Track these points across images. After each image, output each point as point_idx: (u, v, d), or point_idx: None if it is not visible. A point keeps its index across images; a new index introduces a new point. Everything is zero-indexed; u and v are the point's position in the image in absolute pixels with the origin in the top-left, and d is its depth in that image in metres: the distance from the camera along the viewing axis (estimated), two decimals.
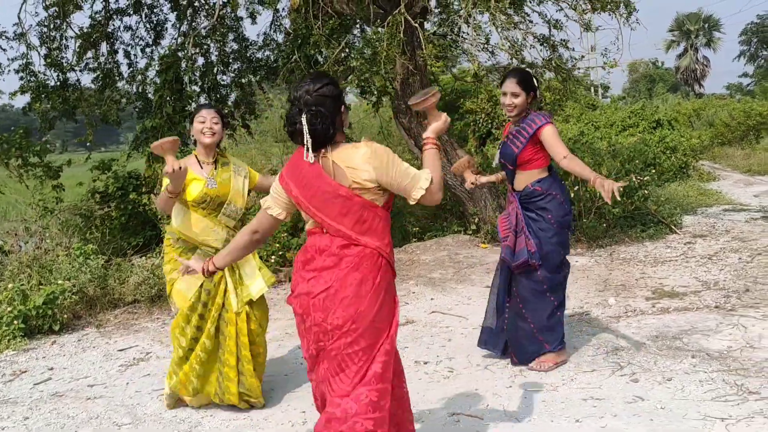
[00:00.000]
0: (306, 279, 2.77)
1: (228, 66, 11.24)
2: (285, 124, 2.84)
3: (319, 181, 2.71)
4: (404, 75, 8.43)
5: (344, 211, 2.72)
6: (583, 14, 7.30)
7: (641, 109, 18.16)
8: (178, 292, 4.11)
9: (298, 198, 2.76)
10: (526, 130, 4.35)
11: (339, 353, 2.73)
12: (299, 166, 2.77)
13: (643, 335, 4.98)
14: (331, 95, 2.74)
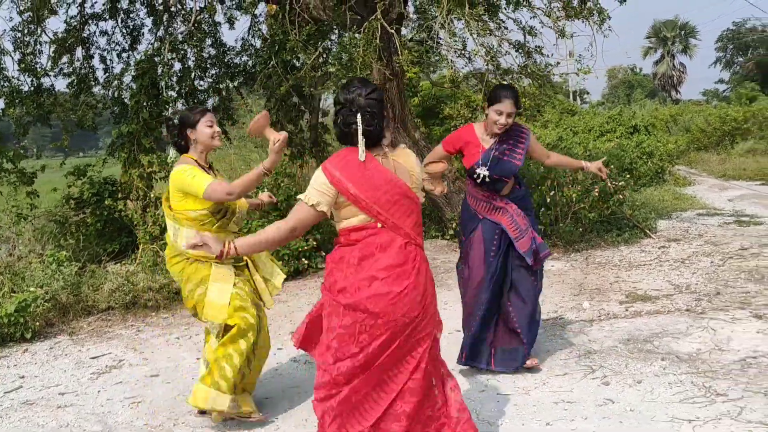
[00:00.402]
0: (379, 278, 2.79)
1: (206, 71, 11.21)
2: (337, 125, 2.90)
3: (390, 182, 2.83)
4: (381, 81, 8.44)
5: (408, 211, 2.88)
6: (557, 21, 7.36)
7: (619, 114, 18.37)
8: (212, 304, 3.87)
9: (356, 196, 2.80)
10: (520, 142, 4.45)
11: (407, 345, 2.84)
12: (357, 166, 2.81)
13: (615, 338, 5.02)
14: (379, 99, 2.88)
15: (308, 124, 10.30)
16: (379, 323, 2.78)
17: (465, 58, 9.23)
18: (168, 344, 5.78)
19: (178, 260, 3.97)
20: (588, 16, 7.39)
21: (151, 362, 5.32)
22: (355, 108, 2.82)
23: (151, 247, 8.12)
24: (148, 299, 6.89)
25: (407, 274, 2.81)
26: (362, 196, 2.80)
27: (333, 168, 2.84)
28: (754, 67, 49.65)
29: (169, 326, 6.34)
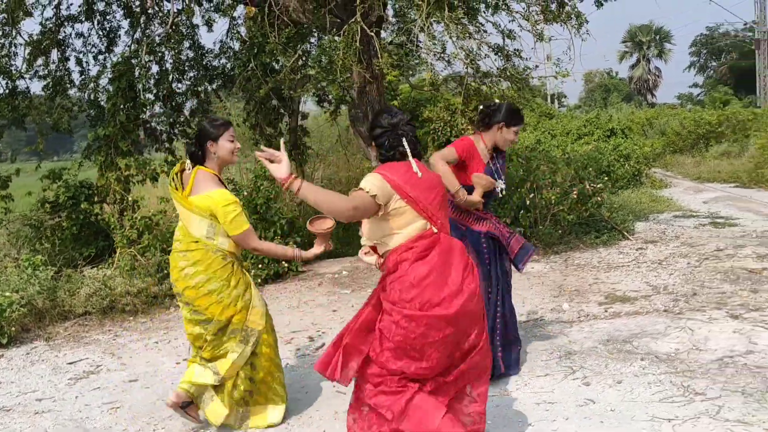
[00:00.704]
0: (460, 280, 2.94)
1: (183, 74, 11.14)
2: (384, 147, 3.10)
3: (439, 188, 3.12)
4: (361, 83, 8.45)
5: (447, 214, 3.20)
6: (536, 25, 7.41)
7: (596, 117, 18.52)
8: (256, 310, 3.88)
9: (416, 198, 2.98)
10: (502, 157, 4.63)
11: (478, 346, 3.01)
12: (410, 172, 3.02)
13: (595, 339, 5.06)
14: (413, 123, 3.19)
15: (288, 127, 10.27)
16: (460, 327, 2.93)
17: (444, 61, 9.26)
18: (146, 349, 5.72)
19: (224, 262, 3.80)
20: (566, 20, 7.45)
21: (129, 367, 5.26)
22: (400, 132, 3.09)
23: (129, 251, 8.04)
24: (125, 304, 6.83)
25: (473, 275, 3.01)
26: (421, 199, 2.99)
27: (387, 172, 3.00)
28: (727, 72, 50.38)
29: (147, 331, 6.28)
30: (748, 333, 4.89)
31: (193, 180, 3.81)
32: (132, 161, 8.74)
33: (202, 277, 3.75)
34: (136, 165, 8.81)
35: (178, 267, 3.81)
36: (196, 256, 3.77)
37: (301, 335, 5.83)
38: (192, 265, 3.76)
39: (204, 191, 3.77)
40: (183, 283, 3.79)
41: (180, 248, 3.83)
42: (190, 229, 3.79)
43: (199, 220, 3.76)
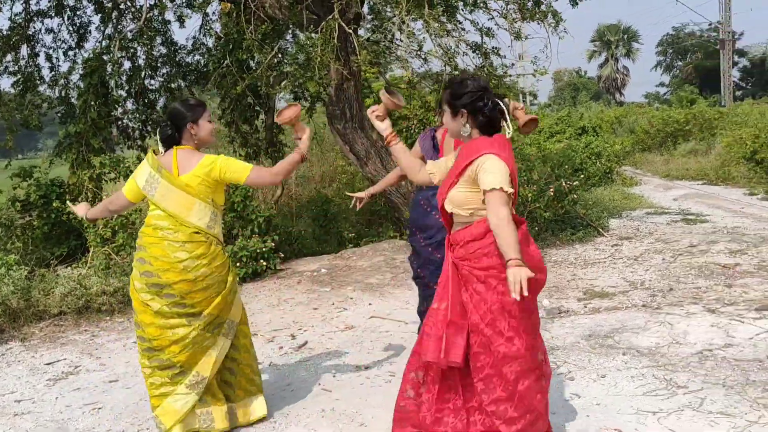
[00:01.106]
0: (538, 251, 3.11)
1: (156, 70, 11.01)
2: (483, 111, 3.06)
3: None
4: (338, 81, 8.42)
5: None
6: (513, 23, 7.46)
7: (567, 116, 18.70)
8: (236, 301, 3.87)
9: (515, 181, 3.01)
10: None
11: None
12: (511, 154, 3.06)
13: (577, 335, 5.11)
14: None
15: (264, 125, 10.20)
16: (539, 292, 3.12)
17: (421, 59, 9.28)
18: (125, 349, 5.64)
19: (224, 257, 3.72)
20: (543, 18, 7.51)
21: (109, 367, 5.19)
22: (491, 94, 3.10)
23: (103, 250, 7.93)
24: (101, 303, 6.72)
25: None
26: (515, 179, 3.04)
27: (503, 155, 2.97)
28: (692, 71, 51.32)
29: (125, 330, 6.19)
30: (725, 327, 4.98)
31: (176, 160, 3.62)
32: (106, 159, 8.59)
33: (204, 270, 3.58)
34: (111, 163, 8.67)
35: (174, 257, 3.54)
36: (199, 249, 3.58)
37: (283, 333, 5.79)
38: (195, 258, 3.56)
39: (192, 167, 3.60)
40: (176, 276, 3.55)
41: (178, 238, 3.56)
42: (188, 218, 3.57)
43: (202, 206, 3.59)
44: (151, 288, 3.59)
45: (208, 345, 3.69)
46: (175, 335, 3.60)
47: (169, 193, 3.57)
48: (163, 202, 3.59)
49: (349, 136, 8.74)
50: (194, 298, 3.60)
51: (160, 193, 3.60)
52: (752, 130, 16.51)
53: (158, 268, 3.56)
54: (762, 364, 4.26)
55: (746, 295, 5.81)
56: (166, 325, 3.62)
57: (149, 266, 3.59)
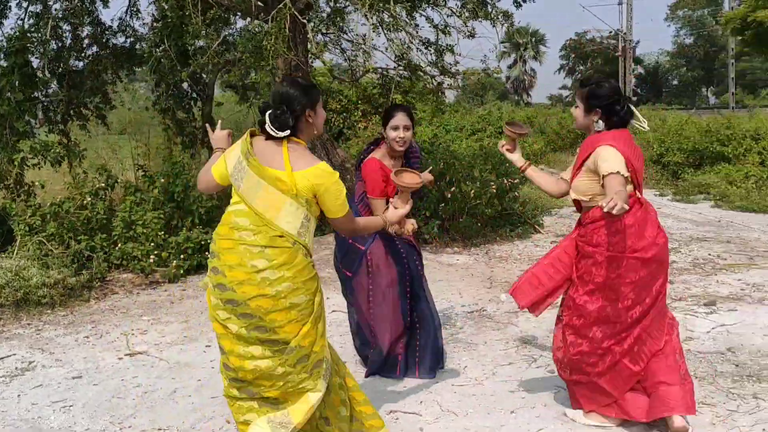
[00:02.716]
0: (657, 232, 3.43)
1: (82, 51, 10.48)
2: (622, 114, 3.48)
3: (641, 155, 3.49)
4: (286, 71, 8.30)
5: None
6: (467, 21, 7.58)
7: (488, 114, 19.14)
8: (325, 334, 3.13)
9: (636, 170, 3.37)
10: (414, 158, 4.45)
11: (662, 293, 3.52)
12: (635, 147, 3.44)
13: (545, 329, 5.26)
14: None
15: (201, 113, 9.90)
16: (663, 268, 3.44)
17: (366, 54, 9.28)
18: (78, 344, 5.36)
19: (313, 271, 2.99)
20: (495, 19, 7.66)
21: (66, 363, 4.91)
22: (625, 97, 3.52)
23: (33, 240, 7.49)
24: (42, 296, 6.35)
25: (662, 232, 3.47)
26: (638, 169, 3.39)
27: (620, 146, 3.34)
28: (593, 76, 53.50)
29: (72, 324, 5.88)
30: (682, 321, 5.23)
31: (287, 154, 2.92)
32: (36, 144, 8.12)
33: (287, 285, 2.85)
34: (40, 147, 8.20)
35: (251, 266, 2.84)
36: (281, 256, 2.86)
37: None
38: (277, 267, 2.85)
39: (304, 167, 2.91)
40: (255, 289, 2.83)
41: (257, 241, 2.86)
42: (276, 220, 2.87)
43: (296, 208, 2.89)
44: (226, 305, 2.89)
45: (305, 387, 2.95)
46: (257, 369, 2.90)
47: (257, 188, 2.89)
48: (249, 196, 2.91)
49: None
50: (275, 321, 2.86)
51: (246, 185, 2.92)
52: (657, 135, 17.46)
53: (232, 280, 2.86)
54: (724, 356, 4.53)
55: (689, 291, 6.15)
56: (247, 355, 2.90)
57: (222, 277, 2.89)
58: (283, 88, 3.01)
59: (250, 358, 2.90)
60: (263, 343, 2.89)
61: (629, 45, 39.63)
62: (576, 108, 3.62)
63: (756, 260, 7.27)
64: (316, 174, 2.91)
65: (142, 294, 6.90)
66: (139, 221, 7.72)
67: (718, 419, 3.63)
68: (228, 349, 2.95)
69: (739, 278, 6.56)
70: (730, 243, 8.10)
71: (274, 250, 2.86)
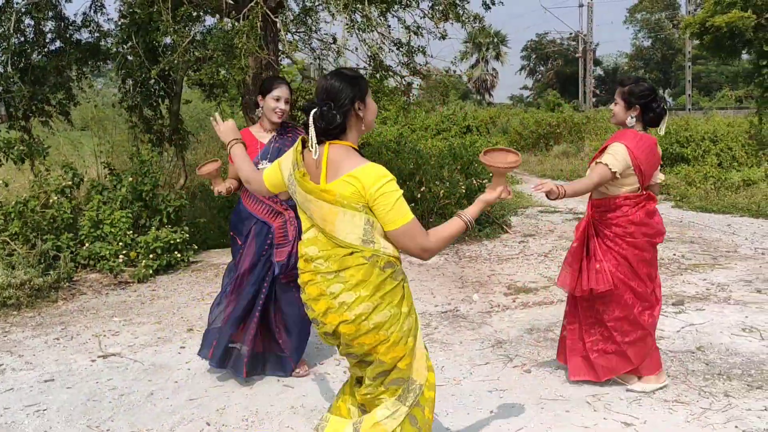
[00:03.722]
0: (660, 221, 4.05)
1: (44, 46, 10.25)
2: (653, 109, 3.91)
3: (658, 158, 4.01)
4: (257, 70, 8.23)
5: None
6: (439, 23, 7.63)
7: (452, 114, 19.27)
8: (421, 354, 2.75)
9: (645, 172, 3.88)
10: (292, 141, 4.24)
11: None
12: (653, 152, 3.93)
13: (518, 329, 5.34)
14: None
15: (168, 111, 9.76)
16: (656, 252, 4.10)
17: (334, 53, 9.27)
18: (48, 346, 5.26)
19: (394, 281, 2.62)
20: (466, 21, 7.73)
21: (37, 366, 4.82)
22: (661, 96, 3.95)
23: None
24: (7, 297, 6.22)
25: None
26: (647, 171, 3.89)
27: (634, 148, 3.81)
28: (553, 77, 54.27)
29: (40, 326, 5.77)
30: None
31: (327, 159, 2.60)
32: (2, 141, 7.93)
33: (366, 305, 2.56)
34: (2, 145, 8.00)
35: (330, 293, 2.60)
36: (357, 275, 2.57)
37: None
38: (352, 288, 2.57)
39: (347, 170, 2.56)
40: (336, 317, 2.60)
41: (330, 267, 2.60)
42: (337, 234, 2.57)
43: (350, 215, 2.55)
44: (327, 338, 2.72)
45: (380, 400, 2.69)
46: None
47: (307, 202, 2.64)
48: (306, 210, 2.68)
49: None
50: (364, 346, 2.61)
51: (299, 198, 2.69)
52: None
53: (319, 312, 2.66)
54: (695, 355, 4.66)
55: None
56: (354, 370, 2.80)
57: (312, 312, 2.70)
58: (327, 81, 2.64)
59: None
60: (354, 367, 2.78)
61: (589, 47, 40.25)
62: (615, 105, 4.01)
63: (719, 260, 7.47)
64: (356, 181, 2.54)
65: (112, 294, 6.80)
66: (107, 220, 7.61)
67: (692, 417, 3.73)
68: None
69: (704, 278, 6.74)
70: (693, 243, 8.31)
71: (348, 271, 2.59)
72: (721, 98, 39.57)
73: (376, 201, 2.53)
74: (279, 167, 2.80)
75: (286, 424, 3.83)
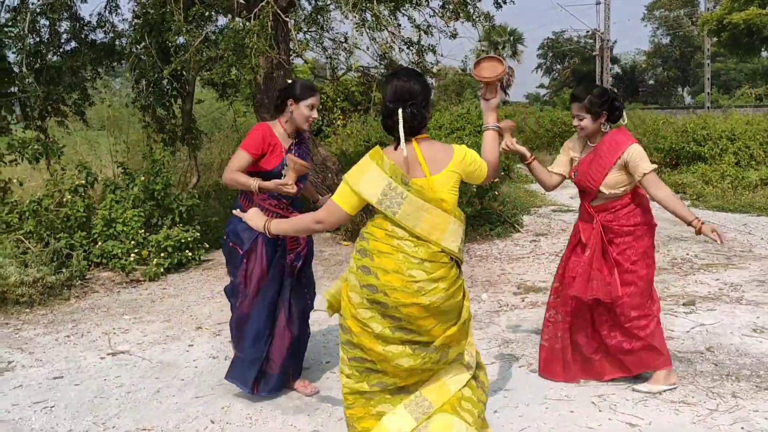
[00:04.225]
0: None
1: (60, 47, 10.36)
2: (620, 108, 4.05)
3: None
4: (268, 69, 8.27)
5: None
6: (449, 22, 7.61)
7: (467, 113, 19.18)
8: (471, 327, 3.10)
9: None
10: (305, 143, 4.25)
11: None
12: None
13: (526, 328, 5.32)
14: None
15: (181, 110, 9.82)
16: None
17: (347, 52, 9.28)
18: (59, 343, 5.31)
19: (461, 280, 2.94)
20: (475, 20, 7.70)
21: (47, 363, 4.88)
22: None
23: (12, 237, 7.40)
24: (20, 294, 6.29)
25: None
26: None
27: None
28: (570, 75, 53.94)
29: (52, 323, 5.83)
30: (663, 321, 5.32)
31: (423, 155, 2.84)
32: (15, 141, 8.02)
33: (441, 296, 2.78)
34: (17, 145, 8.09)
35: (409, 276, 2.76)
36: (440, 270, 2.80)
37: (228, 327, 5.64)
38: (434, 280, 2.78)
39: (445, 164, 2.86)
40: (409, 298, 2.75)
41: (418, 254, 2.77)
42: (443, 241, 2.79)
43: (458, 226, 2.84)
44: (373, 305, 2.81)
45: (440, 374, 2.94)
46: (398, 367, 2.85)
47: (420, 212, 2.77)
48: (409, 222, 2.77)
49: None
50: (423, 327, 2.82)
51: (405, 211, 2.77)
52: (634, 134, 17.63)
53: (386, 284, 2.77)
54: (704, 356, 4.62)
55: (668, 290, 6.24)
56: (387, 353, 2.84)
57: (375, 279, 2.79)
58: (406, 82, 2.85)
59: (391, 357, 2.84)
60: (404, 343, 2.84)
61: (606, 45, 39.97)
62: (582, 120, 4.01)
63: (733, 260, 7.40)
64: (457, 161, 2.86)
65: (123, 293, 6.85)
66: (119, 219, 7.68)
67: (699, 418, 3.69)
68: (367, 346, 2.85)
69: (716, 278, 6.67)
70: (707, 243, 8.23)
71: (433, 264, 2.78)
72: (740, 96, 39.10)
73: (472, 168, 2.92)
74: (358, 191, 2.80)
75: (290, 423, 3.84)
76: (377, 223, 2.85)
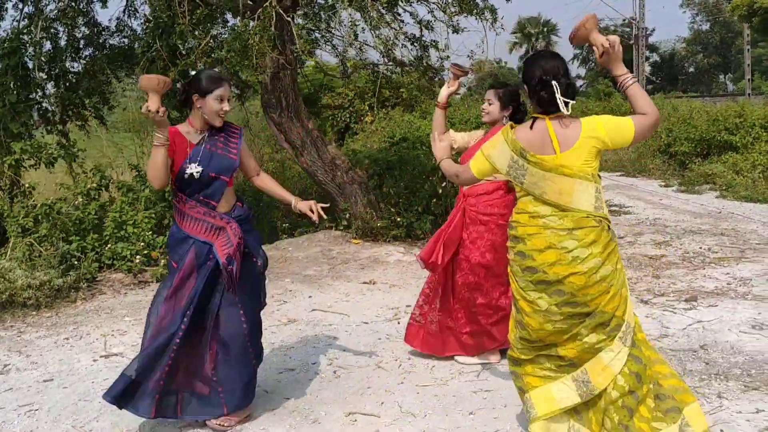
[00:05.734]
0: None
1: (78, 52, 10.54)
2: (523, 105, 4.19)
3: None
4: (274, 69, 8.28)
5: None
6: (452, 17, 7.51)
7: None
8: (629, 299, 3.17)
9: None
10: (233, 138, 3.83)
11: None
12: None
13: None
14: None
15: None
16: None
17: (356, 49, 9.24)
18: (57, 346, 5.40)
19: (614, 242, 3.08)
20: (480, 14, 7.59)
21: (41, 366, 4.96)
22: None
23: (25, 240, 7.55)
24: (27, 297, 6.41)
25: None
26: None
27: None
28: None
29: (54, 326, 5.93)
30: (659, 317, 5.20)
31: (553, 133, 3.02)
32: (27, 145, 8.19)
33: (597, 260, 2.95)
34: (32, 149, 8.26)
35: (562, 248, 2.96)
36: (590, 234, 2.96)
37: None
38: (587, 246, 2.95)
39: (575, 139, 3.00)
40: (565, 269, 2.96)
41: (565, 225, 2.97)
42: (573, 204, 2.96)
43: (585, 186, 2.97)
44: (538, 285, 3.03)
45: (599, 347, 3.02)
46: (565, 341, 3.05)
47: (543, 181, 3.00)
48: (536, 190, 3.03)
49: (285, 125, 8.62)
50: (588, 295, 2.97)
51: (530, 180, 3.03)
52: (666, 124, 17.25)
53: (543, 262, 3.00)
54: (696, 354, 4.47)
55: (674, 285, 6.08)
56: (554, 330, 3.04)
57: (531, 261, 3.03)
58: (550, 59, 3.15)
59: (558, 332, 3.03)
60: (572, 317, 3.01)
61: (642, 33, 39.14)
62: (491, 105, 4.34)
63: (747, 253, 7.17)
64: (588, 136, 2.98)
65: (130, 294, 6.94)
66: (130, 221, 7.78)
67: None
68: (536, 327, 3.05)
69: (727, 272, 6.48)
70: (723, 236, 8.00)
71: (582, 230, 2.97)
72: None
73: (608, 137, 2.99)
74: (489, 158, 3.15)
75: (263, 426, 3.83)
76: (519, 209, 3.13)
